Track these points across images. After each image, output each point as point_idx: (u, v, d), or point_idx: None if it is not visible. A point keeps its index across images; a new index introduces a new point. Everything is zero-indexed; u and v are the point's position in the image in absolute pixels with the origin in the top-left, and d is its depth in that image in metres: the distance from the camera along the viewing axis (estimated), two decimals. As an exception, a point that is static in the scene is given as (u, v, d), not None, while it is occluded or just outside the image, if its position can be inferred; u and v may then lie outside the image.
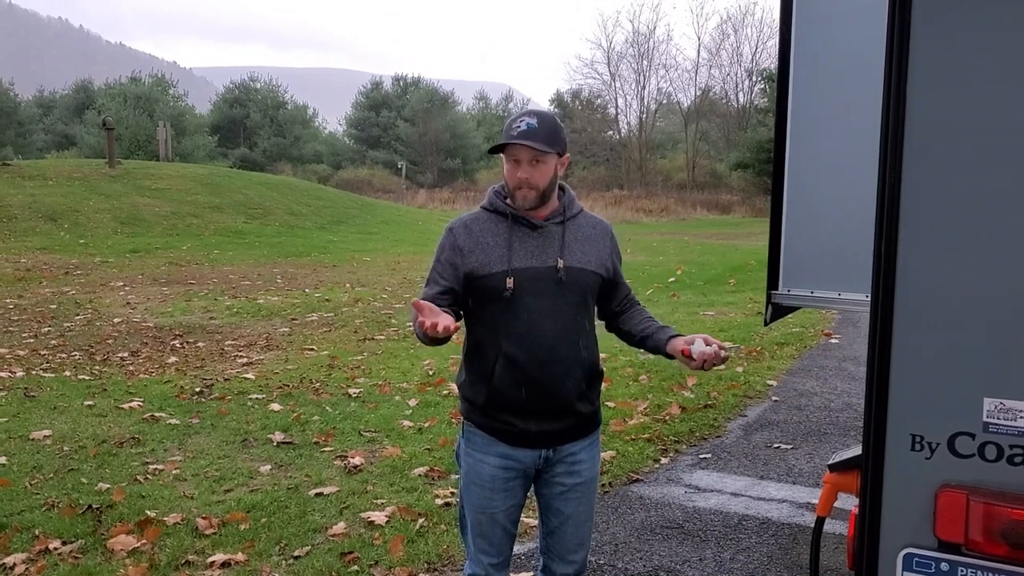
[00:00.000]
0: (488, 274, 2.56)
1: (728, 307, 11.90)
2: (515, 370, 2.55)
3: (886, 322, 1.85)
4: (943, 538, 1.84)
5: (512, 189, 2.59)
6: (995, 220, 1.75)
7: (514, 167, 2.56)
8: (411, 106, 60.58)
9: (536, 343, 2.56)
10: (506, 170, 2.59)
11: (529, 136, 2.52)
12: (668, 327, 2.75)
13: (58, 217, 20.22)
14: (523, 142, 2.51)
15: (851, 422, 6.33)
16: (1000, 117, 1.74)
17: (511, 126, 2.56)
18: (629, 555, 4.16)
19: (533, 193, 2.57)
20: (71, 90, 62.37)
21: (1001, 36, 1.72)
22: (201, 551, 4.12)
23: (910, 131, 1.80)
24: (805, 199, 3.19)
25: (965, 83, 1.76)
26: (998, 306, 1.76)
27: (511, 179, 2.58)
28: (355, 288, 13.67)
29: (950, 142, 1.78)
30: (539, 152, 2.53)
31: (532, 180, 2.56)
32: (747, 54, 55.32)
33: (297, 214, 24.62)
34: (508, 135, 2.55)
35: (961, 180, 1.78)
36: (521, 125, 2.54)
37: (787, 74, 3.15)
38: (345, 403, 6.82)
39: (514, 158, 2.56)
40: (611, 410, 6.38)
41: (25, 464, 5.35)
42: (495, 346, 2.57)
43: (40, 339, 9.48)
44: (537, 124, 2.54)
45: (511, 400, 2.52)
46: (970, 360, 1.79)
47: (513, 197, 2.60)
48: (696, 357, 2.55)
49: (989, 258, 1.76)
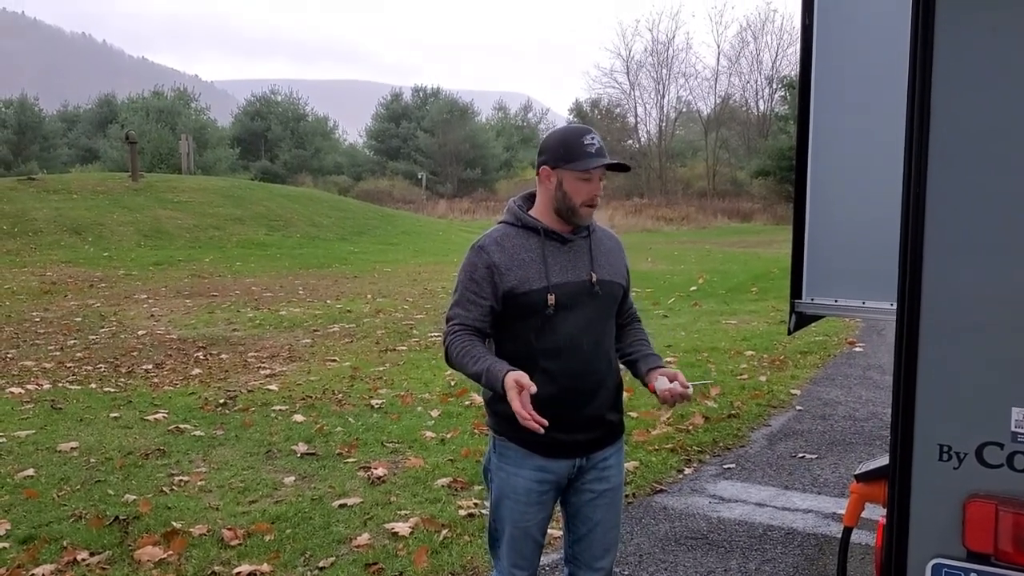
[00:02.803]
0: (529, 291, 2.56)
1: (751, 315, 11.84)
2: (552, 384, 2.55)
3: (912, 331, 1.83)
4: (972, 548, 1.82)
5: (579, 205, 2.59)
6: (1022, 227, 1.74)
7: (586, 184, 2.57)
8: (431, 117, 60.74)
9: (574, 357, 2.58)
10: (571, 186, 2.57)
11: (606, 154, 2.58)
12: (655, 355, 2.79)
13: (82, 230, 20.43)
14: (609, 160, 2.57)
15: (876, 431, 6.27)
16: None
17: (582, 143, 2.56)
18: (654, 566, 4.14)
19: (593, 210, 2.63)
20: (94, 104, 63.08)
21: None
22: (227, 562, 4.14)
23: (935, 136, 1.79)
24: (828, 206, 3.17)
25: (990, 87, 1.75)
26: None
27: (582, 195, 2.58)
28: (376, 299, 13.72)
29: (976, 147, 1.77)
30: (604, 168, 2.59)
31: (598, 198, 2.61)
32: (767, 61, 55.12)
33: (318, 225, 24.73)
34: (585, 153, 2.55)
35: (987, 186, 1.76)
36: (594, 142, 2.57)
37: (809, 80, 3.14)
38: (368, 414, 6.83)
39: (588, 177, 2.57)
40: (634, 420, 6.35)
41: (52, 476, 5.40)
42: (531, 360, 2.56)
43: (66, 351, 9.58)
44: (604, 145, 2.60)
45: (547, 413, 2.53)
46: (998, 369, 1.77)
47: (576, 214, 2.60)
48: (660, 394, 2.60)
49: (1017, 265, 1.74)
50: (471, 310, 2.59)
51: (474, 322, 2.59)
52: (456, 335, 2.59)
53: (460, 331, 2.59)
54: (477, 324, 2.59)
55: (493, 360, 2.50)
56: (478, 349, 2.55)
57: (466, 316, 2.59)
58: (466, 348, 2.55)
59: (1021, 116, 1.73)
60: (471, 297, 2.60)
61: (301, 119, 61.62)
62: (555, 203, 2.61)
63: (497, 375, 2.43)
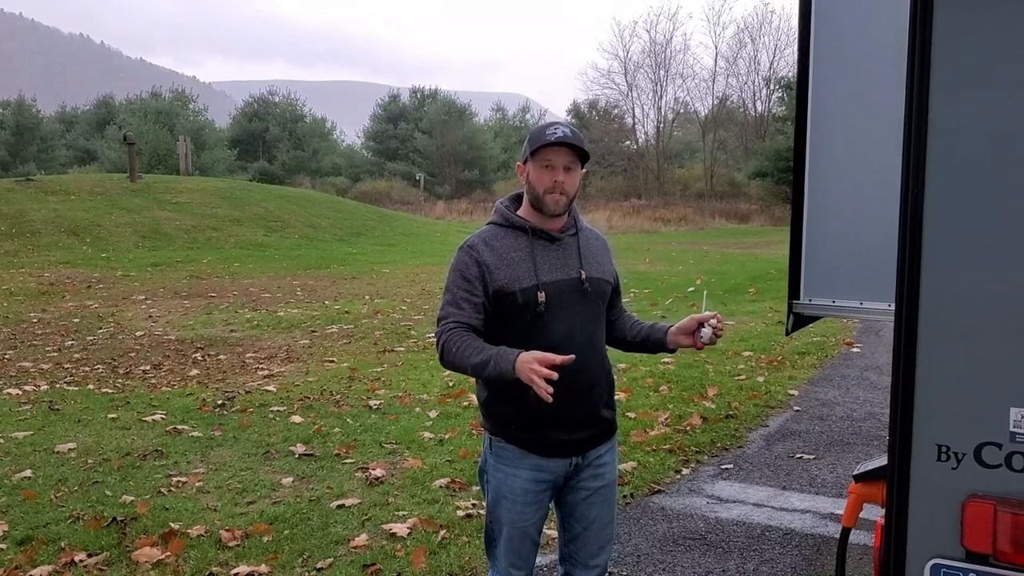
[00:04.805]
0: (519, 289, 2.56)
1: (749, 317, 11.85)
2: (552, 383, 2.55)
3: (910, 331, 1.83)
4: (971, 548, 1.82)
5: (543, 193, 2.58)
6: (1020, 227, 1.74)
7: (548, 171, 2.57)
8: (428, 118, 60.77)
9: (568, 355, 2.57)
10: (535, 175, 2.59)
11: (566, 141, 2.55)
12: (657, 323, 2.85)
13: (80, 231, 20.43)
14: (566, 141, 2.54)
15: (874, 432, 6.28)
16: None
17: (544, 132, 2.58)
18: (651, 566, 4.14)
19: (564, 199, 2.60)
20: (93, 106, 63.11)
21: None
22: (224, 563, 4.14)
23: (933, 137, 1.79)
24: (826, 207, 3.17)
25: (989, 88, 1.75)
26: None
27: (543, 182, 2.58)
28: (374, 300, 13.71)
29: (974, 148, 1.76)
30: (574, 157, 2.58)
31: (565, 186, 2.58)
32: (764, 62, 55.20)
33: (316, 226, 24.74)
34: (543, 139, 2.55)
35: (985, 186, 1.76)
36: (556, 131, 2.56)
37: (806, 81, 3.14)
38: (366, 415, 6.83)
39: (548, 163, 2.57)
40: (632, 421, 6.36)
41: (50, 477, 5.39)
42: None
43: (64, 352, 9.57)
44: (571, 133, 2.58)
45: (543, 412, 2.52)
46: (996, 369, 1.77)
47: (542, 202, 2.59)
48: (708, 341, 2.70)
49: (1015, 266, 1.74)
50: (464, 308, 2.58)
51: (469, 320, 2.57)
52: (452, 332, 2.56)
53: (456, 328, 2.56)
54: (472, 322, 2.57)
55: (500, 347, 2.48)
56: (478, 342, 2.53)
57: (460, 314, 2.57)
58: (465, 342, 2.53)
59: (1019, 117, 1.73)
60: (464, 296, 2.58)
61: (299, 120, 61.62)
62: (528, 196, 2.65)
63: (508, 356, 2.42)
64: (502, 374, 2.44)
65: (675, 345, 2.76)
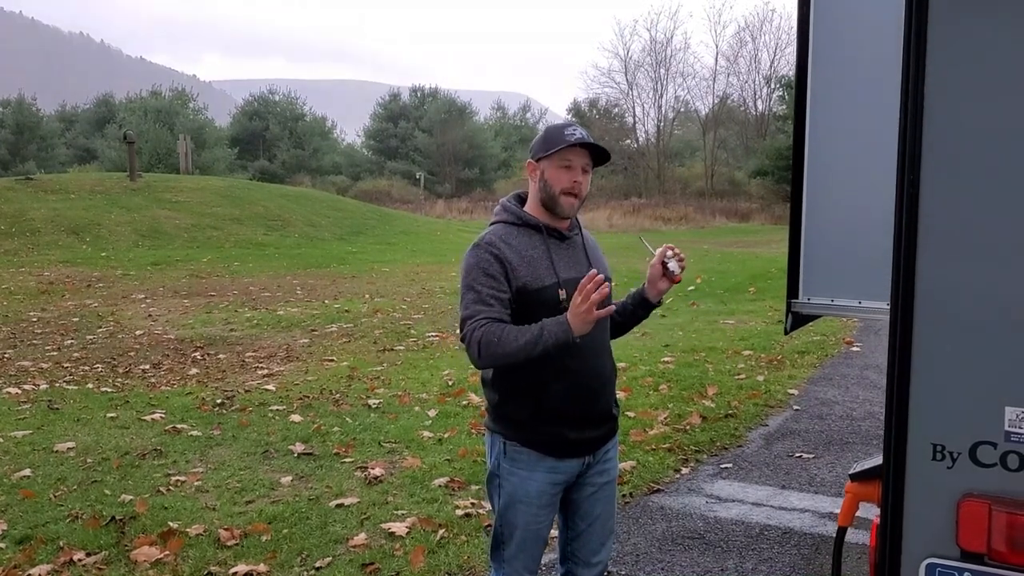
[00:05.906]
0: (542, 287, 2.54)
1: (748, 316, 11.85)
2: (570, 382, 2.56)
3: (906, 330, 1.83)
4: (966, 548, 1.82)
5: (559, 193, 2.58)
6: (1015, 226, 1.73)
7: (566, 172, 2.57)
8: (429, 117, 60.71)
9: (590, 352, 2.58)
10: (552, 174, 2.58)
11: (587, 142, 2.56)
12: (629, 292, 2.91)
13: (80, 230, 20.43)
14: (587, 142, 2.55)
15: (873, 431, 6.28)
16: (1020, 120, 1.72)
17: (563, 132, 2.57)
18: (650, 566, 4.15)
19: (578, 201, 2.61)
20: (92, 104, 63.09)
21: (1020, 38, 1.71)
22: (223, 562, 4.14)
23: (928, 136, 1.79)
24: (825, 206, 3.17)
25: (983, 87, 1.75)
26: (1020, 313, 1.74)
27: (562, 182, 2.57)
28: (374, 299, 13.71)
29: (969, 147, 1.76)
30: (590, 160, 2.59)
31: (581, 188, 2.59)
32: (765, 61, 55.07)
33: (316, 225, 24.73)
34: (564, 140, 2.55)
35: (981, 185, 1.76)
36: (576, 132, 2.57)
37: (805, 80, 3.14)
38: (365, 414, 6.83)
39: (568, 164, 2.56)
40: (631, 420, 6.36)
41: (49, 476, 5.40)
42: (550, 358, 2.48)
43: (63, 351, 9.57)
44: (587, 135, 2.59)
45: (563, 412, 2.51)
46: (991, 368, 1.77)
47: (556, 202, 2.59)
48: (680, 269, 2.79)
49: (1010, 264, 1.74)
50: (493, 304, 2.49)
51: (500, 316, 2.48)
52: (486, 326, 2.45)
53: (488, 322, 2.46)
54: (504, 318, 2.49)
55: (539, 322, 2.43)
56: (514, 328, 2.44)
57: (489, 311, 2.48)
58: (504, 330, 2.43)
59: (1015, 116, 1.73)
60: (490, 292, 2.50)
61: (299, 119, 61.58)
62: (540, 195, 2.62)
63: (556, 320, 2.40)
64: (558, 339, 2.38)
65: (658, 296, 2.82)
